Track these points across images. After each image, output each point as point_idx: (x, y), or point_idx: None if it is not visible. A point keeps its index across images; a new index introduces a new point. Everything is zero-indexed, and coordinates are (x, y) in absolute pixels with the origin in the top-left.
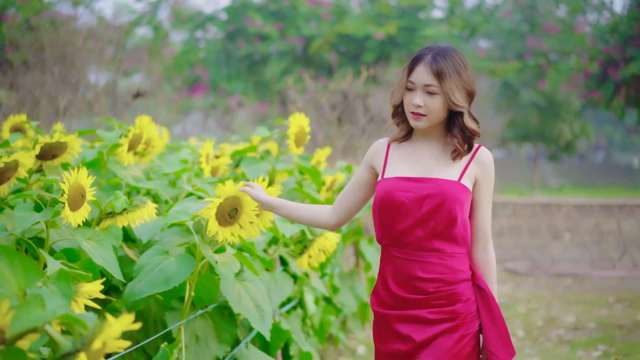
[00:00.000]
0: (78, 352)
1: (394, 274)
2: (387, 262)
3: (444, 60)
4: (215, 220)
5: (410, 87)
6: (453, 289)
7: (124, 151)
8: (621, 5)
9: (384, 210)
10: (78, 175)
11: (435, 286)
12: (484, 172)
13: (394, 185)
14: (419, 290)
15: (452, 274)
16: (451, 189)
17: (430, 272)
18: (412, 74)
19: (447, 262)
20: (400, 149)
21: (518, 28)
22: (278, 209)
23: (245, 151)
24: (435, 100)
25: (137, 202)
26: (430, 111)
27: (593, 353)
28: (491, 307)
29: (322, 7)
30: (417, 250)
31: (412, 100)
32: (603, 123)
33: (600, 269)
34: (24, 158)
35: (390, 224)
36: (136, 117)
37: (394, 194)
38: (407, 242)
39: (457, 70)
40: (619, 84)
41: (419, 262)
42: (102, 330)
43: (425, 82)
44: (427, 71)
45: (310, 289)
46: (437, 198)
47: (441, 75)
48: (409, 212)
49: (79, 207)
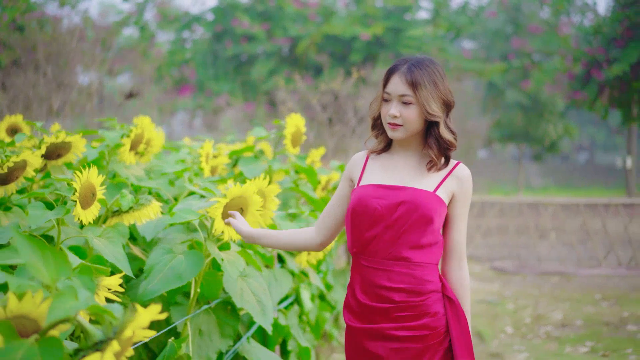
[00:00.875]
0: (110, 340)
1: (362, 283)
2: (356, 272)
3: (419, 70)
4: (221, 219)
5: (386, 98)
6: (421, 300)
7: (126, 151)
8: (605, 7)
9: (356, 216)
10: (89, 175)
11: (401, 296)
12: (462, 188)
13: (368, 193)
14: (384, 299)
15: (420, 284)
16: (425, 198)
17: (396, 281)
18: (387, 85)
19: (415, 271)
20: (379, 160)
21: (502, 29)
22: (260, 239)
23: (243, 151)
24: (411, 110)
25: (142, 201)
26: (406, 121)
27: (581, 349)
28: (460, 320)
29: (309, 8)
30: (384, 259)
31: (389, 111)
32: (586, 124)
33: (586, 267)
34: (32, 158)
35: (360, 230)
36: (128, 118)
37: (367, 200)
38: (375, 250)
39: (433, 80)
40: (603, 85)
41: (385, 271)
42: (132, 319)
43: (400, 92)
44: (401, 81)
45: (307, 286)
46: (410, 204)
47: (416, 85)
48: (381, 218)
49: (90, 205)
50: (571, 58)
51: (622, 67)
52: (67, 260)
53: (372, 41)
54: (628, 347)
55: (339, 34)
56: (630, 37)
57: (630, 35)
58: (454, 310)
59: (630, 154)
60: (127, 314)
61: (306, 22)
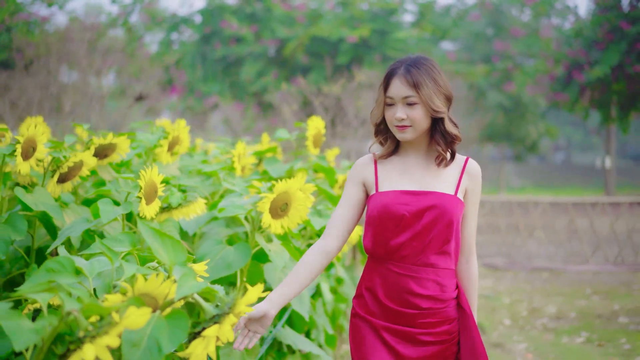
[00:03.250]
0: (226, 314)
1: (386, 287)
2: (377, 274)
3: (417, 70)
4: (269, 213)
5: (389, 102)
6: (443, 307)
7: (164, 152)
8: (585, 10)
9: (380, 222)
10: (151, 174)
11: (428, 303)
12: (474, 183)
13: (392, 199)
14: (412, 305)
15: (443, 291)
16: (450, 202)
17: (425, 287)
18: (389, 89)
19: (440, 278)
20: (389, 163)
21: (484, 31)
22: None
23: (266, 152)
24: (416, 110)
25: (190, 198)
26: (414, 122)
27: (577, 339)
28: (470, 329)
29: (296, 11)
30: (413, 265)
31: (394, 115)
32: (563, 124)
33: (574, 264)
34: (88, 158)
35: (387, 237)
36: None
37: (392, 207)
38: (403, 256)
39: (433, 77)
40: (584, 87)
41: (414, 278)
42: (244, 296)
43: (403, 94)
44: (402, 83)
45: (326, 279)
46: (437, 210)
47: (417, 84)
48: (408, 225)
49: (152, 201)
50: (552, 60)
51: (603, 69)
52: (182, 247)
53: (358, 43)
54: (622, 337)
55: (326, 36)
56: (610, 40)
57: (610, 38)
58: (464, 321)
59: (609, 154)
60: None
61: (294, 25)
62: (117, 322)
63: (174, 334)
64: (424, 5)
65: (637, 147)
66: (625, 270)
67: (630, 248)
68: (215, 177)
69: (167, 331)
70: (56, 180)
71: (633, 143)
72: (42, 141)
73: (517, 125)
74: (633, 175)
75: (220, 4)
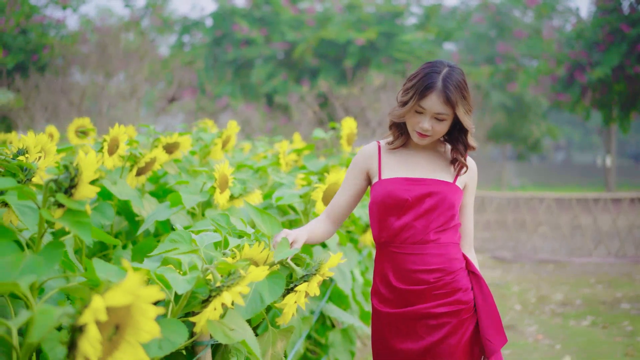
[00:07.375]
0: (313, 275)
1: (394, 270)
2: (386, 260)
3: (455, 88)
4: (321, 201)
5: (419, 111)
6: (452, 278)
7: (219, 149)
8: (586, 12)
9: (385, 207)
10: (223, 167)
11: (436, 276)
12: (472, 177)
13: (396, 185)
14: (420, 282)
15: (449, 262)
16: (449, 188)
17: (430, 263)
18: (423, 101)
19: (445, 251)
20: (395, 155)
21: (486, 33)
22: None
23: (304, 149)
24: (444, 124)
25: (249, 189)
26: (435, 133)
27: (583, 322)
28: (484, 293)
29: (305, 14)
30: (415, 244)
31: (421, 124)
32: (563, 124)
33: (578, 256)
34: (161, 154)
35: (390, 220)
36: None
37: (396, 192)
38: (405, 237)
39: (464, 95)
40: (585, 87)
41: (418, 255)
42: (328, 260)
43: (438, 111)
44: (439, 100)
45: (357, 264)
46: (438, 195)
47: (453, 105)
48: (410, 208)
49: (224, 190)
50: (554, 61)
51: (604, 70)
52: (278, 222)
53: (366, 45)
54: (624, 320)
55: (334, 39)
56: (611, 42)
57: (611, 39)
58: (478, 285)
59: (610, 153)
60: (322, 257)
61: (302, 28)
62: (244, 275)
63: (273, 289)
64: (429, 8)
65: (636, 146)
66: (627, 262)
67: (632, 242)
68: (262, 171)
69: (267, 287)
70: (135, 174)
71: (632, 142)
72: (123, 139)
73: (519, 125)
74: (633, 174)
75: (231, 8)
